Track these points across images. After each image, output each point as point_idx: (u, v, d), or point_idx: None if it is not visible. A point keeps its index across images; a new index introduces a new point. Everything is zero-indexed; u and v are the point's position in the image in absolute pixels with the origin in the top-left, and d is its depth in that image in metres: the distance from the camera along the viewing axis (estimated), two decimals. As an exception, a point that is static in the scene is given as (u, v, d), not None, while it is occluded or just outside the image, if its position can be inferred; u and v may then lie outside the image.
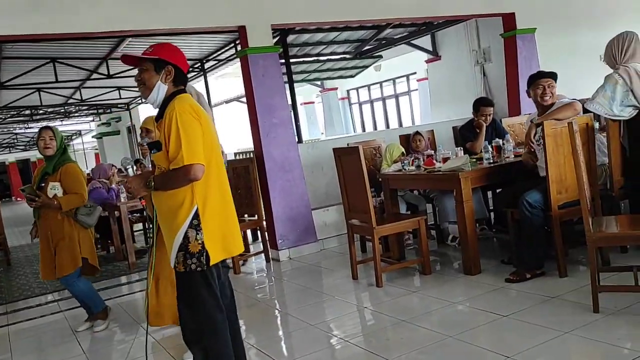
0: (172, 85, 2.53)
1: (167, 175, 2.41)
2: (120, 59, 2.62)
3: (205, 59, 10.99)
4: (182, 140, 2.32)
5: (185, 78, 2.60)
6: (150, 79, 2.50)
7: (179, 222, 2.40)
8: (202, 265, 2.42)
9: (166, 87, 2.51)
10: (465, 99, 8.41)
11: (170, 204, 2.42)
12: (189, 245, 2.40)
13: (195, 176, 2.35)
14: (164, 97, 2.52)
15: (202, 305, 2.47)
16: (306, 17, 6.03)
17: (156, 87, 2.50)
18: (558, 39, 7.39)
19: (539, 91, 4.15)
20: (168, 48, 2.55)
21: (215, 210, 2.46)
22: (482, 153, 4.69)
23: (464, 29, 8.90)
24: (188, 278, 2.46)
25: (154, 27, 5.34)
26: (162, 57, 2.49)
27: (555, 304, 3.43)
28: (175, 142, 2.33)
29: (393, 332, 3.45)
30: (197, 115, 2.42)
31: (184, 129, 2.34)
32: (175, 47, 2.59)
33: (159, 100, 2.52)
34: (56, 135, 4.01)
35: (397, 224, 4.45)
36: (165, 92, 2.52)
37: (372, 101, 16.25)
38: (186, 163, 2.32)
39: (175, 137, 2.34)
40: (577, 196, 3.68)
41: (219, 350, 2.50)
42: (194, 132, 2.37)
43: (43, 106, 14.42)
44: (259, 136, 5.69)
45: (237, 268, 5.51)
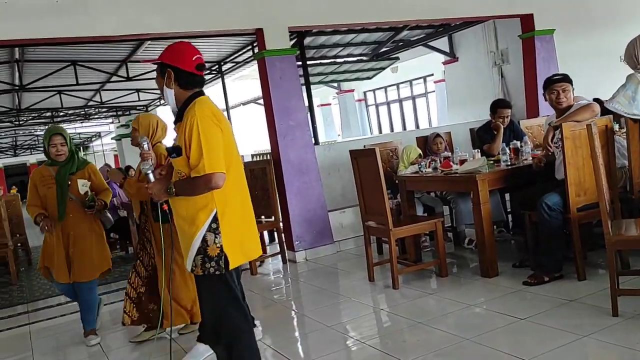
0: (178, 88, 2.45)
1: (188, 183, 2.38)
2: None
3: (222, 62, 11.07)
4: (203, 148, 2.29)
5: (196, 78, 2.47)
6: (159, 84, 2.49)
7: (198, 225, 2.38)
8: (220, 269, 2.40)
9: (172, 90, 2.45)
10: (483, 101, 8.35)
11: (188, 207, 2.41)
12: (207, 248, 2.39)
13: (217, 185, 2.32)
14: (174, 100, 2.46)
15: (224, 307, 2.47)
16: (323, 19, 6.05)
17: (165, 92, 2.47)
18: (577, 40, 7.32)
19: (554, 96, 4.14)
20: (169, 50, 2.48)
21: (234, 214, 2.44)
22: (499, 155, 4.66)
23: (481, 30, 8.84)
24: (207, 281, 2.45)
25: (172, 30, 5.40)
26: (162, 60, 2.45)
27: (573, 307, 3.40)
28: (196, 150, 2.30)
29: (409, 334, 3.44)
30: (217, 120, 2.38)
31: (205, 136, 2.30)
32: (181, 46, 2.50)
33: (172, 104, 2.48)
34: (67, 140, 3.93)
35: (413, 226, 4.44)
36: (173, 96, 2.46)
37: (388, 103, 16.23)
38: (208, 172, 2.29)
39: (196, 145, 2.30)
40: (596, 199, 3.65)
41: (242, 350, 2.50)
42: (215, 139, 2.33)
43: (64, 108, 14.63)
44: (276, 138, 5.72)
45: (254, 269, 5.54)
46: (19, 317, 5.14)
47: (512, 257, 4.64)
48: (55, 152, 3.87)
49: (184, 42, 2.53)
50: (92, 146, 30.50)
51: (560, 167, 3.94)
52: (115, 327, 4.38)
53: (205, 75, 2.68)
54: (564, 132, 3.76)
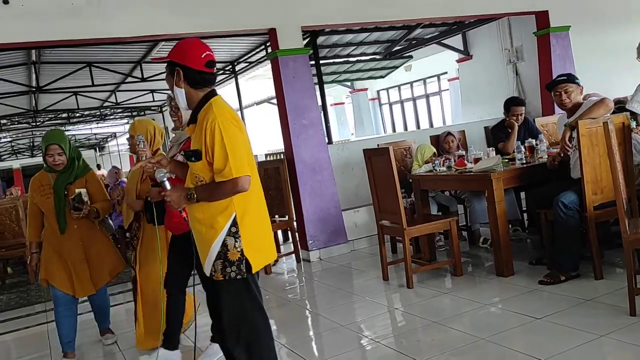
0: (188, 87, 2.36)
1: (213, 188, 2.31)
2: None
3: (236, 61, 11.11)
4: (228, 151, 2.22)
5: (205, 77, 2.38)
6: (169, 84, 2.41)
7: (217, 229, 2.33)
8: (241, 273, 2.35)
9: (182, 89, 2.36)
10: (497, 99, 8.29)
11: (206, 211, 2.34)
12: (227, 253, 2.33)
13: (243, 188, 2.27)
14: (185, 99, 2.38)
15: (245, 310, 2.43)
16: (336, 18, 6.04)
17: (175, 92, 2.39)
18: (593, 37, 7.24)
19: (557, 98, 4.21)
20: (178, 47, 2.39)
21: (252, 216, 2.39)
22: (514, 153, 4.63)
23: (496, 28, 8.77)
24: (228, 286, 2.40)
25: (186, 31, 5.42)
26: (171, 59, 2.37)
27: (590, 307, 3.37)
28: (221, 154, 2.23)
29: (424, 333, 3.43)
30: (237, 122, 2.33)
31: (229, 140, 2.23)
32: (187, 44, 2.41)
33: (184, 104, 2.40)
34: (65, 148, 3.61)
35: (428, 225, 4.43)
36: (184, 95, 2.37)
37: (402, 101, 16.16)
38: (235, 176, 2.23)
39: (220, 148, 2.23)
40: (613, 197, 3.61)
41: (262, 351, 2.48)
42: (238, 142, 2.27)
43: (80, 109, 14.81)
44: (289, 137, 5.73)
45: (268, 268, 5.56)
46: (36, 316, 5.20)
47: (527, 256, 4.61)
48: (52, 162, 3.60)
49: (192, 39, 2.46)
50: (107, 146, 30.78)
51: (576, 166, 3.90)
52: (130, 326, 4.41)
53: (217, 74, 2.61)
54: (580, 130, 3.72)
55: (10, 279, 7.42)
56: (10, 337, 4.73)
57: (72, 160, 3.67)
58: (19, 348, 4.55)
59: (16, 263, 8.22)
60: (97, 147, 30.95)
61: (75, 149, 3.75)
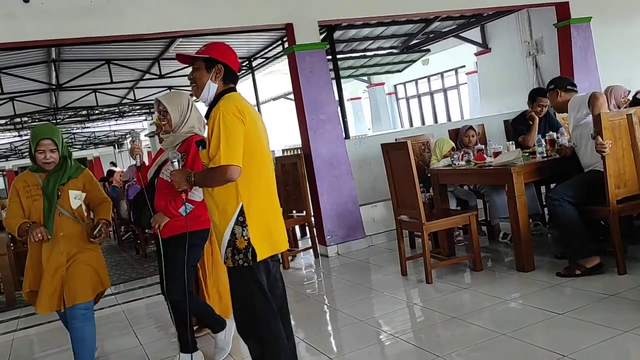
0: (222, 84, 2.56)
1: (206, 173, 2.48)
2: (176, 57, 2.67)
3: (252, 57, 11.12)
4: (221, 140, 2.36)
5: (236, 76, 2.63)
6: (201, 78, 2.55)
7: (227, 218, 2.46)
8: (248, 261, 2.47)
9: (216, 85, 2.55)
10: (517, 92, 8.21)
11: (217, 201, 2.49)
12: (236, 241, 2.46)
13: (232, 177, 2.38)
14: (214, 95, 2.56)
15: (251, 299, 2.52)
16: (353, 12, 6.01)
17: (207, 86, 2.54)
18: (615, 27, 7.10)
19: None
20: (219, 47, 2.58)
21: (260, 207, 2.51)
22: (535, 147, 4.56)
23: (515, 20, 8.66)
24: (237, 273, 2.52)
25: (203, 27, 5.45)
26: (213, 56, 2.53)
27: (613, 302, 3.31)
28: (215, 142, 2.38)
29: (443, 328, 3.41)
30: (241, 114, 2.43)
31: (224, 129, 2.37)
32: (227, 46, 2.62)
33: (210, 98, 2.56)
34: (58, 144, 3.17)
35: (446, 219, 4.39)
36: (215, 91, 2.55)
37: (419, 96, 16.05)
38: (223, 163, 2.35)
39: (215, 137, 2.38)
40: (637, 190, 3.55)
41: (272, 342, 2.54)
42: (234, 133, 2.39)
43: (98, 106, 14.97)
44: (306, 132, 5.73)
45: (286, 263, 5.56)
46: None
47: (548, 251, 4.55)
48: (43, 160, 3.14)
49: (223, 43, 2.65)
50: (126, 143, 31.11)
51: (584, 157, 3.96)
52: (149, 321, 4.45)
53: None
54: (602, 123, 3.64)
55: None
56: (33, 331, 4.80)
57: (64, 159, 3.21)
58: (41, 342, 4.62)
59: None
60: (115, 144, 31.29)
61: (67, 147, 3.29)
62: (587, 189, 3.93)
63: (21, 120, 16.63)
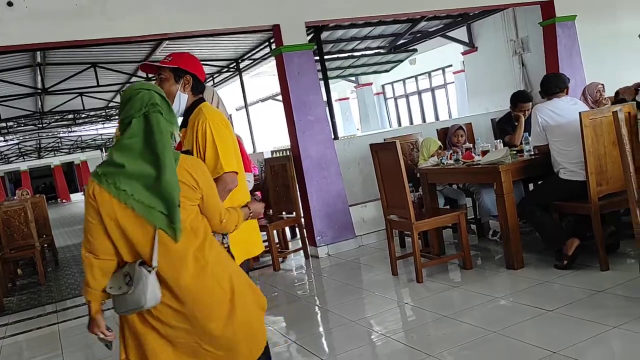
0: (191, 94, 2.54)
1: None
2: (140, 68, 2.65)
3: (240, 59, 11.10)
4: (219, 149, 2.36)
5: (203, 87, 2.63)
6: (169, 88, 2.51)
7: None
8: None
9: (186, 96, 2.53)
10: (504, 90, 8.25)
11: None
12: None
13: (233, 184, 2.40)
14: (185, 105, 2.54)
15: None
16: (340, 13, 6.02)
17: (177, 97, 2.51)
18: (600, 25, 7.17)
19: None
20: (187, 57, 2.57)
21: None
22: (522, 145, 4.59)
23: (501, 19, 8.71)
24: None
25: (190, 29, 5.43)
26: (181, 66, 2.52)
27: (602, 298, 3.35)
28: (212, 152, 2.37)
29: (434, 327, 3.42)
30: (226, 124, 2.47)
31: (219, 139, 2.38)
32: (193, 56, 2.61)
33: (181, 109, 2.55)
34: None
35: (436, 218, 4.40)
36: (185, 101, 2.54)
37: (407, 95, 16.11)
38: (226, 171, 2.36)
39: (211, 147, 2.37)
40: (619, 187, 3.59)
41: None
42: (228, 142, 2.42)
43: (85, 110, 14.85)
44: (295, 133, 5.72)
45: (277, 265, 5.55)
46: (48, 316, 5.23)
47: (537, 249, 4.58)
48: None
49: (189, 53, 2.65)
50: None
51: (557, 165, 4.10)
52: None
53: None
54: (583, 121, 3.68)
55: (20, 280, 7.47)
56: (22, 337, 4.76)
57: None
58: (31, 349, 4.57)
59: (26, 264, 8.28)
60: (102, 147, 31.08)
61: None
62: (552, 192, 4.15)
63: (7, 125, 16.46)
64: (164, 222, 1.87)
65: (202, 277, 1.95)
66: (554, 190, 4.12)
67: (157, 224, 1.87)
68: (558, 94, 4.24)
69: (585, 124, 3.71)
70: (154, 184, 1.87)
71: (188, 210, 1.94)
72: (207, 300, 1.96)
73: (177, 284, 1.91)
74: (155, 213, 1.86)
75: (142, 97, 1.96)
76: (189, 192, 1.95)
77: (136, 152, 1.90)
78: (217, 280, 1.98)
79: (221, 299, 1.99)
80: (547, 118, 4.13)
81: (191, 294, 1.93)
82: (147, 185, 1.87)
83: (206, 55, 10.33)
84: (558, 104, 4.17)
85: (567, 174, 3.99)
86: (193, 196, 1.97)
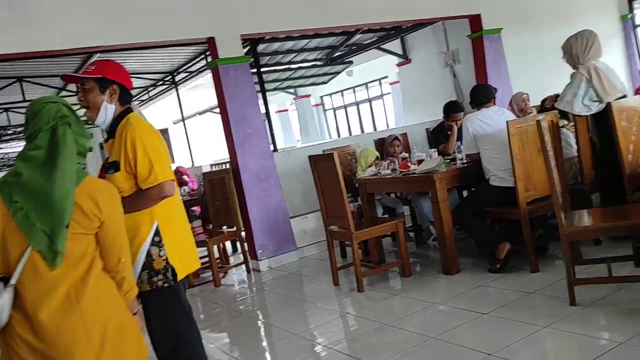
0: (119, 105, 2.43)
1: (139, 196, 2.33)
2: (62, 79, 2.52)
3: (176, 72, 10.93)
4: (152, 158, 2.29)
5: (131, 96, 2.52)
6: (95, 99, 2.39)
7: (140, 240, 2.33)
8: (168, 281, 2.38)
9: (113, 106, 2.42)
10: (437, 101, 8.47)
11: (128, 224, 2.19)
12: (152, 262, 2.35)
13: (170, 192, 2.33)
14: (112, 116, 2.43)
15: (176, 322, 2.43)
16: (275, 25, 6.04)
17: (103, 108, 2.40)
18: (523, 37, 7.52)
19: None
20: (112, 66, 2.46)
21: (175, 225, 2.44)
22: (455, 154, 4.74)
23: (432, 32, 9.00)
24: (156, 296, 2.39)
25: (122, 42, 5.29)
26: (107, 76, 2.40)
27: (533, 299, 3.49)
28: (144, 161, 2.29)
29: (376, 336, 3.46)
30: (157, 134, 2.40)
31: (152, 148, 2.31)
32: (119, 64, 2.51)
33: (108, 121, 2.43)
34: None
35: (375, 228, 4.46)
36: (113, 113, 2.42)
37: (346, 106, 16.34)
38: (161, 180, 2.30)
39: (142, 156, 2.29)
40: (546, 192, 3.78)
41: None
42: (161, 150, 2.35)
43: (11, 126, 14.17)
44: (233, 147, 5.67)
45: (218, 281, 5.46)
46: None
47: (472, 254, 4.73)
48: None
49: (115, 61, 2.54)
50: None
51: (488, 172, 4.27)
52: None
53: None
54: (510, 130, 3.86)
55: None
56: None
57: None
58: None
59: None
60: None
61: None
62: (484, 198, 4.32)
63: None
64: (44, 243, 1.70)
65: (67, 316, 1.73)
66: (486, 197, 4.28)
67: (33, 244, 1.71)
68: (486, 104, 4.42)
69: (512, 133, 3.88)
70: (45, 198, 1.73)
71: (77, 238, 1.78)
72: (66, 345, 1.73)
73: (35, 317, 1.72)
74: (37, 231, 1.71)
75: (49, 110, 1.89)
76: (82, 219, 1.79)
77: (37, 162, 1.80)
78: (85, 325, 1.75)
79: (85, 347, 1.74)
80: (477, 127, 4.28)
81: (49, 333, 1.72)
82: (38, 199, 1.74)
83: (140, 68, 10.11)
84: (487, 114, 4.34)
85: (497, 181, 4.16)
86: (87, 224, 1.81)
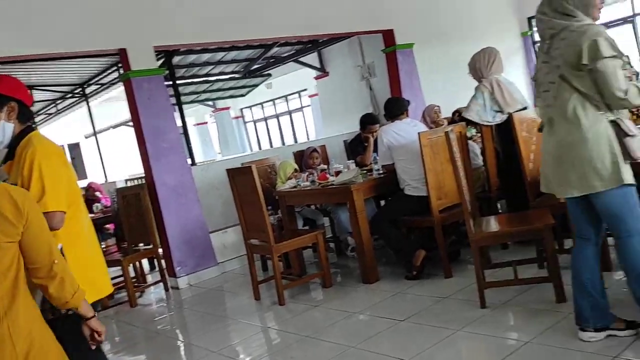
0: (18, 123, 2.26)
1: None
2: None
3: (86, 84, 10.46)
4: (45, 184, 2.12)
5: (31, 114, 2.37)
6: None
7: None
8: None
9: (12, 125, 2.24)
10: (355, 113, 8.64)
11: None
12: None
13: (58, 225, 2.14)
14: (11, 136, 2.25)
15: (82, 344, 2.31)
16: (189, 38, 5.94)
17: (0, 127, 2.22)
18: (434, 52, 7.86)
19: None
20: (9, 81, 2.30)
21: (81, 249, 2.30)
22: (372, 165, 4.86)
23: (348, 46, 9.20)
24: (62, 324, 2.19)
25: (25, 52, 5.00)
26: (2, 93, 2.23)
27: (446, 304, 3.62)
28: (37, 187, 2.11)
29: (298, 348, 3.45)
30: (60, 156, 2.25)
31: (48, 173, 2.14)
32: (15, 79, 2.34)
33: (7, 140, 2.26)
34: None
35: (295, 240, 4.47)
36: (11, 131, 2.25)
37: (266, 119, 16.34)
38: (50, 210, 2.10)
39: (37, 181, 2.12)
40: (457, 200, 3.95)
41: None
42: (59, 177, 2.19)
43: None
44: (148, 161, 5.50)
45: (133, 301, 5.25)
46: None
47: (390, 262, 4.84)
48: None
49: (11, 76, 2.37)
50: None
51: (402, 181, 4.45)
52: None
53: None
54: (421, 141, 4.02)
55: None
56: None
57: None
58: None
59: None
60: None
61: None
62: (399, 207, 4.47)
63: None
64: None
65: None
66: (401, 206, 4.41)
67: None
68: (400, 116, 4.57)
69: (423, 144, 4.04)
70: None
71: (5, 248, 1.69)
72: None
73: None
74: None
75: None
76: (6, 227, 1.69)
77: None
78: (11, 339, 1.71)
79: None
80: (391, 139, 4.42)
81: None
82: None
83: (47, 80, 9.60)
84: (400, 126, 4.48)
85: (411, 190, 4.30)
86: (11, 230, 1.71)
